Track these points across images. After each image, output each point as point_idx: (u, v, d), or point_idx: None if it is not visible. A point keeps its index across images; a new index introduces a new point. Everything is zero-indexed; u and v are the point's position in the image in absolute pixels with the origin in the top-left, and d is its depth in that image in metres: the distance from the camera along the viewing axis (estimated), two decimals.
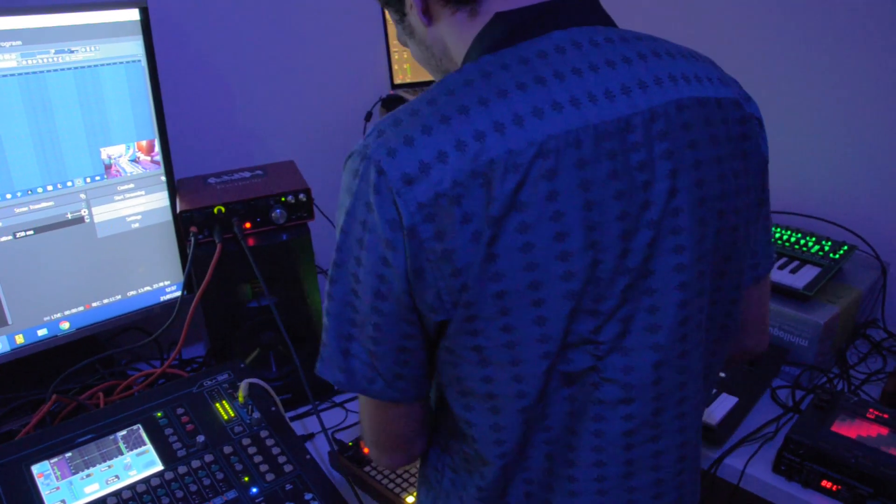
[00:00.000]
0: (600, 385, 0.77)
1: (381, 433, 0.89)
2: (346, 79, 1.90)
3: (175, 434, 1.18)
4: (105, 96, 1.33)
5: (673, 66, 0.77)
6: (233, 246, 1.36)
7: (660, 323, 0.76)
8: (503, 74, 0.71)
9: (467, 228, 0.68)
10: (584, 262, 0.72)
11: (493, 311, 0.72)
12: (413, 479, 1.25)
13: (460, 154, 0.68)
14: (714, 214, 0.78)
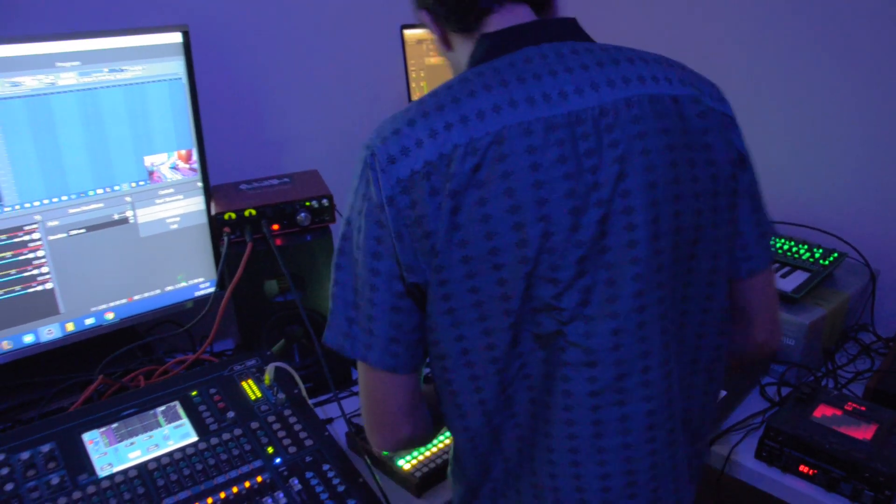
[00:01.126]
0: (566, 349, 0.90)
1: (374, 408, 1.01)
2: (367, 95, 2.04)
3: (208, 410, 1.32)
4: (150, 110, 1.48)
5: (629, 70, 0.91)
6: (261, 245, 1.50)
7: (617, 294, 0.88)
8: (476, 79, 0.88)
9: (434, 199, 0.85)
10: (535, 233, 0.86)
11: (461, 273, 0.86)
12: (424, 458, 1.37)
13: (433, 141, 0.85)
14: (669, 197, 0.90)
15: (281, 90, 1.89)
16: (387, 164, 0.86)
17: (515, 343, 0.91)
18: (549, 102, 0.86)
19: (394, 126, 0.88)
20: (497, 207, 0.85)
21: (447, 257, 0.87)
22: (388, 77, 2.04)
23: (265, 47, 1.83)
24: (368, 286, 0.91)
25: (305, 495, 1.19)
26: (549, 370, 0.92)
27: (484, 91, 0.87)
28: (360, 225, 0.90)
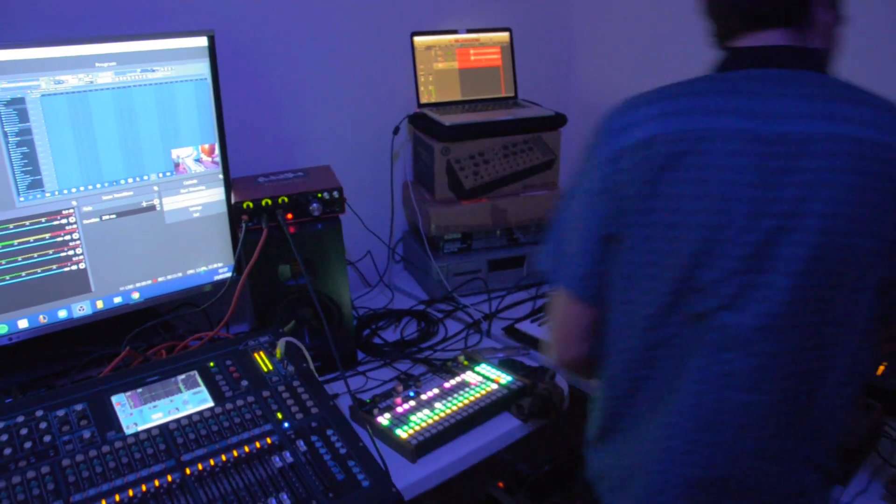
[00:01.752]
0: (711, 331, 1.05)
1: (559, 328, 1.21)
2: (379, 98, 2.17)
3: (224, 379, 1.45)
4: (177, 107, 1.62)
5: (844, 109, 0.99)
6: (276, 233, 1.63)
7: (769, 297, 1.01)
8: (699, 84, 1.06)
9: (642, 169, 1.03)
10: (713, 222, 1.01)
11: (644, 235, 1.06)
12: (420, 427, 1.49)
13: (650, 124, 1.04)
14: (845, 233, 0.98)
15: (298, 91, 2.03)
16: (616, 132, 1.06)
17: (669, 311, 1.07)
18: (757, 118, 1.00)
19: (632, 103, 1.08)
20: (688, 191, 1.02)
21: (640, 219, 1.05)
22: (398, 80, 2.17)
23: (284, 52, 1.97)
24: (581, 228, 1.11)
25: (310, 455, 1.32)
26: (692, 346, 1.07)
27: (701, 95, 1.03)
28: (588, 173, 1.11)
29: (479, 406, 1.54)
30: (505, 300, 2.07)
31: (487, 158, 2.07)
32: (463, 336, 1.91)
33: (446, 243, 2.11)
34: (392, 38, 2.14)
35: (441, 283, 2.07)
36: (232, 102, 1.77)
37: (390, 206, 2.23)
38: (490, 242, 2.16)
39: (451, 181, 2.05)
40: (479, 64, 2.23)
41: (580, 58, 2.65)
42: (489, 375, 1.65)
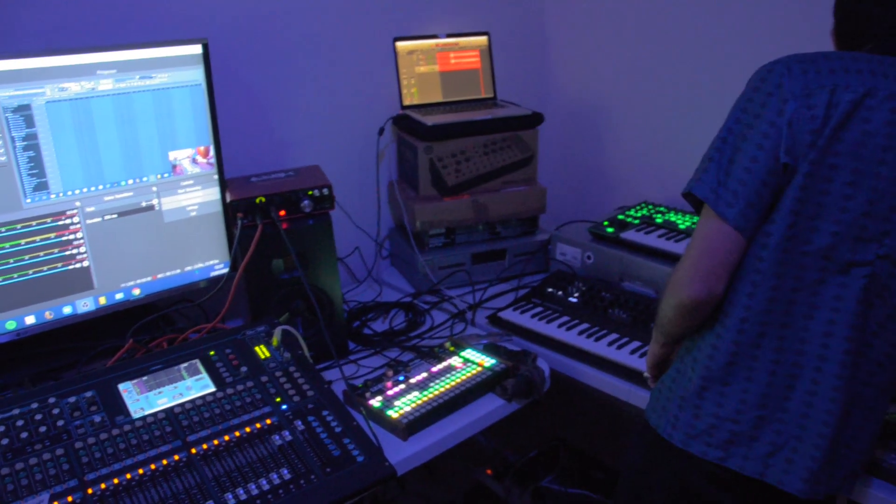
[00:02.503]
0: (860, 278, 1.16)
1: (706, 258, 1.21)
2: (364, 101, 2.26)
3: (224, 367, 1.54)
4: (174, 111, 1.70)
5: None
6: (270, 229, 1.72)
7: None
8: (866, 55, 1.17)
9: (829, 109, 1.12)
10: (893, 175, 1.13)
11: (822, 175, 1.14)
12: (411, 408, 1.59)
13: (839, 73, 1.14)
14: None
15: (287, 96, 2.11)
16: (805, 72, 1.14)
17: (828, 255, 1.16)
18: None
19: (808, 56, 1.17)
20: (872, 141, 1.12)
21: (820, 157, 1.13)
22: (382, 84, 2.27)
23: (274, 58, 2.06)
24: (750, 158, 1.16)
25: (307, 434, 1.41)
26: (839, 292, 1.18)
27: (884, 63, 1.15)
28: (764, 108, 1.16)
29: (465, 387, 1.64)
30: (488, 291, 2.18)
31: (469, 156, 2.17)
32: (449, 325, 2.01)
33: (431, 238, 2.21)
34: (375, 44, 2.24)
35: (427, 277, 2.17)
36: (225, 106, 1.86)
37: (377, 204, 2.33)
38: (473, 237, 2.26)
39: (434, 179, 2.15)
40: (459, 67, 2.33)
41: (555, 59, 2.76)
42: (474, 359, 1.75)
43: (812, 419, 1.20)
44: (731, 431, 1.23)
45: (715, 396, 1.25)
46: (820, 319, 1.19)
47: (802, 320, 1.19)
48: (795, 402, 1.21)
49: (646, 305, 1.95)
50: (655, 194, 2.43)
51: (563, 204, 2.68)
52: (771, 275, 1.19)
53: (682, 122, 2.38)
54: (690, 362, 1.30)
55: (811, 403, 1.20)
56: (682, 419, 1.29)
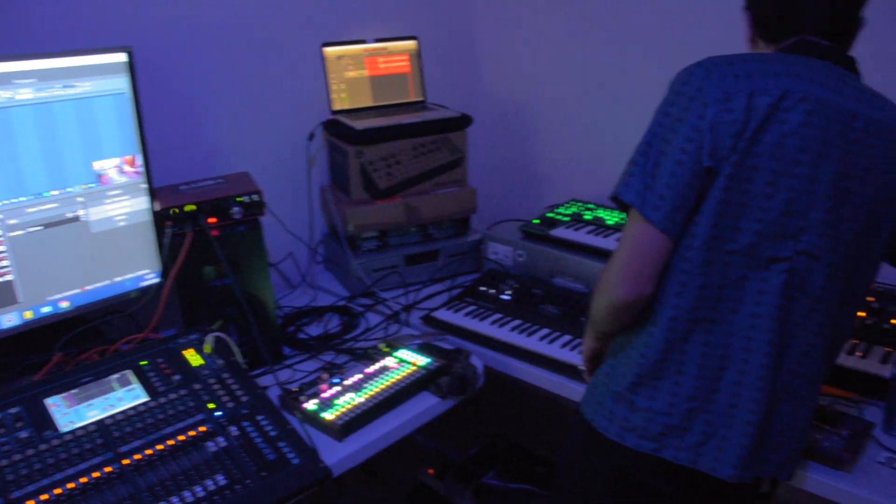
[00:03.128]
0: (781, 273, 1.22)
1: (634, 261, 1.25)
2: (293, 106, 2.26)
3: (157, 376, 1.53)
4: (98, 120, 1.68)
5: (878, 101, 1.23)
6: (199, 237, 1.71)
7: (838, 249, 1.22)
8: (783, 57, 1.24)
9: (748, 112, 1.17)
10: (808, 174, 1.19)
11: (743, 176, 1.19)
12: (345, 409, 1.60)
13: (757, 77, 1.19)
14: (884, 200, 1.24)
15: (216, 103, 2.10)
16: (725, 76, 1.19)
17: (751, 253, 1.21)
18: (838, 95, 1.19)
19: (730, 58, 1.22)
20: (790, 143, 1.18)
21: (741, 159, 1.18)
22: (311, 89, 2.27)
23: (202, 65, 2.05)
24: (675, 162, 1.20)
25: (242, 439, 1.42)
26: (751, 290, 1.23)
27: (797, 64, 1.21)
28: (686, 112, 1.20)
29: (400, 387, 1.66)
30: (422, 292, 2.21)
31: (399, 160, 2.20)
32: (383, 327, 2.03)
33: (364, 241, 2.23)
34: (304, 50, 2.24)
35: (361, 280, 2.18)
36: (153, 115, 1.84)
37: (309, 209, 2.34)
38: (405, 239, 2.29)
39: (365, 183, 2.17)
40: (388, 71, 2.35)
41: (484, 61, 2.81)
42: (408, 359, 1.77)
43: (739, 408, 1.25)
44: (664, 424, 1.28)
45: (648, 391, 1.30)
46: (744, 313, 1.24)
47: (728, 315, 1.25)
48: (723, 394, 1.26)
49: (576, 300, 2.01)
50: (584, 191, 2.49)
51: (494, 204, 2.72)
52: (697, 274, 1.24)
53: (608, 121, 2.45)
54: (624, 359, 1.34)
55: (738, 394, 1.25)
56: (617, 413, 1.33)
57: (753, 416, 1.24)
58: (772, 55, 1.25)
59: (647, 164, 1.24)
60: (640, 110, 1.29)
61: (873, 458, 1.48)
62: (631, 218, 1.26)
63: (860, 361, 1.71)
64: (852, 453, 1.45)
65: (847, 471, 1.43)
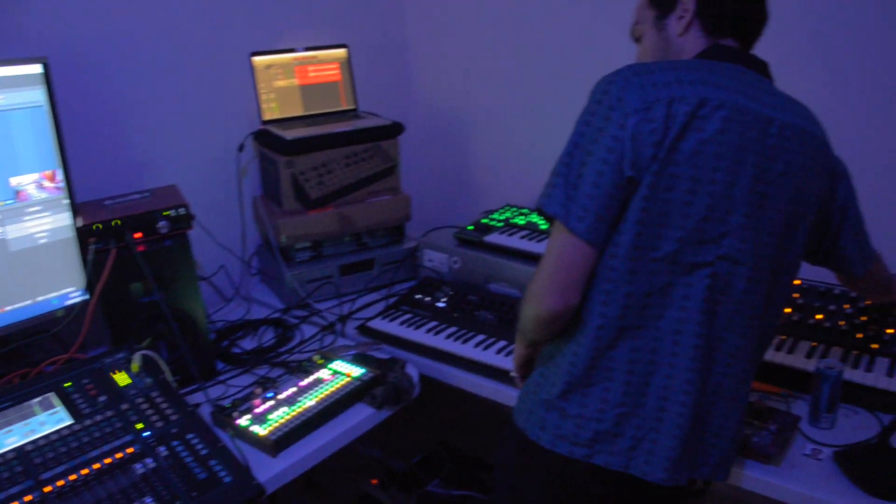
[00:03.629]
0: (704, 278, 1.24)
1: (559, 272, 1.25)
2: (222, 117, 2.23)
3: (81, 398, 1.49)
4: (14, 135, 1.62)
5: (791, 105, 1.27)
6: (125, 253, 1.67)
7: (759, 252, 1.25)
8: (699, 64, 1.26)
9: (667, 122, 1.18)
10: (728, 180, 1.21)
11: (664, 185, 1.20)
12: (279, 424, 1.58)
13: (674, 85, 1.20)
14: (802, 203, 1.28)
15: (141, 114, 2.06)
16: (643, 86, 1.20)
17: (675, 260, 1.23)
18: (754, 101, 1.22)
19: (647, 67, 1.23)
20: (708, 150, 1.19)
21: (661, 168, 1.19)
22: (241, 99, 2.25)
23: (127, 75, 2.00)
24: (596, 172, 1.20)
25: (171, 459, 1.39)
26: (677, 295, 1.25)
27: (713, 72, 1.23)
28: (607, 122, 1.20)
29: (334, 399, 1.65)
30: (358, 302, 2.19)
31: (331, 169, 2.18)
32: (318, 338, 2.01)
33: (297, 252, 2.21)
34: (232, 60, 2.21)
35: (295, 291, 2.16)
36: (73, 128, 1.79)
37: (241, 221, 2.30)
38: (339, 248, 2.28)
39: (297, 193, 2.15)
40: (318, 80, 2.33)
41: (416, 68, 2.81)
42: (342, 370, 1.76)
43: (668, 412, 1.27)
44: (595, 430, 1.29)
45: (578, 398, 1.30)
46: (670, 319, 1.26)
47: (654, 321, 1.26)
48: (652, 398, 1.28)
49: (511, 305, 2.02)
50: (519, 197, 2.51)
51: (429, 211, 2.72)
52: (623, 282, 1.25)
53: (540, 125, 2.48)
54: (553, 367, 1.35)
55: (666, 397, 1.27)
56: (549, 421, 1.33)
57: (682, 419, 1.26)
58: (688, 62, 1.27)
59: (570, 174, 1.24)
60: (572, 114, 1.30)
61: (800, 451, 1.52)
62: (555, 229, 1.27)
63: (787, 357, 1.76)
64: (780, 447, 1.49)
65: (775, 464, 1.47)
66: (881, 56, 1.89)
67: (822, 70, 1.97)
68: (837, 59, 1.96)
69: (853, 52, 1.93)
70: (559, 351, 1.34)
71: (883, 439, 1.50)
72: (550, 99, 2.44)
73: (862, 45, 1.91)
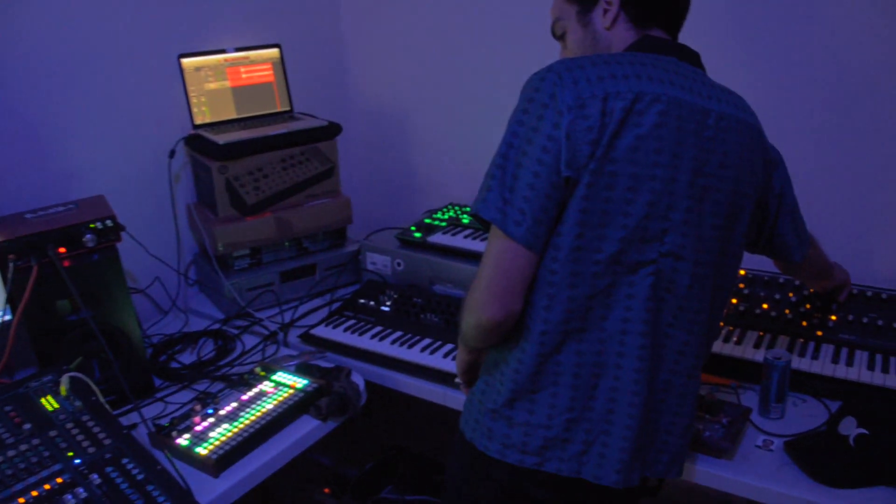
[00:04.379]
0: (647, 276, 1.21)
1: (499, 279, 1.20)
2: (151, 122, 2.13)
3: (3, 426, 1.40)
4: None
5: (725, 96, 1.26)
6: (49, 269, 1.58)
7: (702, 247, 1.23)
8: (631, 57, 1.22)
9: (603, 118, 1.14)
10: (667, 176, 1.18)
11: (603, 183, 1.16)
12: (220, 442, 1.52)
13: (608, 80, 1.16)
14: (741, 193, 1.27)
15: (64, 123, 1.96)
16: (577, 81, 1.15)
17: (618, 260, 1.19)
18: (690, 93, 1.20)
19: (579, 62, 1.18)
20: (645, 146, 1.16)
21: (598, 166, 1.15)
22: (170, 103, 2.16)
23: (48, 81, 1.90)
24: (532, 174, 1.16)
25: (106, 487, 1.31)
26: (630, 291, 1.21)
27: (645, 65, 1.19)
28: (541, 121, 1.16)
29: (278, 412, 1.59)
30: (300, 309, 2.13)
31: (267, 173, 2.12)
32: (260, 349, 1.94)
33: (236, 260, 2.13)
34: (160, 62, 2.12)
35: (235, 300, 2.09)
36: None
37: (175, 230, 2.22)
38: (279, 255, 2.21)
39: (232, 199, 2.08)
40: (251, 81, 2.26)
41: (353, 66, 2.75)
42: (285, 382, 1.70)
43: (617, 414, 1.25)
44: (544, 437, 1.26)
45: (525, 405, 1.27)
46: (614, 319, 1.23)
47: (599, 322, 1.23)
48: (600, 400, 1.25)
49: (457, 307, 1.99)
50: (461, 195, 2.48)
51: (371, 213, 2.67)
52: (565, 286, 1.21)
53: (481, 121, 2.43)
54: (498, 376, 1.31)
55: (615, 399, 1.25)
56: (496, 430, 1.30)
57: (632, 420, 1.24)
58: (620, 55, 1.23)
59: (505, 177, 1.19)
60: (511, 109, 1.26)
61: (752, 443, 1.52)
62: (492, 234, 1.22)
63: (736, 348, 1.76)
64: (732, 441, 1.48)
65: (728, 458, 1.46)
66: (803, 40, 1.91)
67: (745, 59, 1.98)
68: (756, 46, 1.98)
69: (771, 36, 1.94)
70: (503, 359, 1.31)
71: (831, 427, 1.51)
72: (491, 94, 2.40)
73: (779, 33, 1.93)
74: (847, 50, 1.88)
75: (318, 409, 1.63)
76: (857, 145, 1.93)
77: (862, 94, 1.89)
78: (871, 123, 1.90)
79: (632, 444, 1.24)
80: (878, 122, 1.89)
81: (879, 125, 1.89)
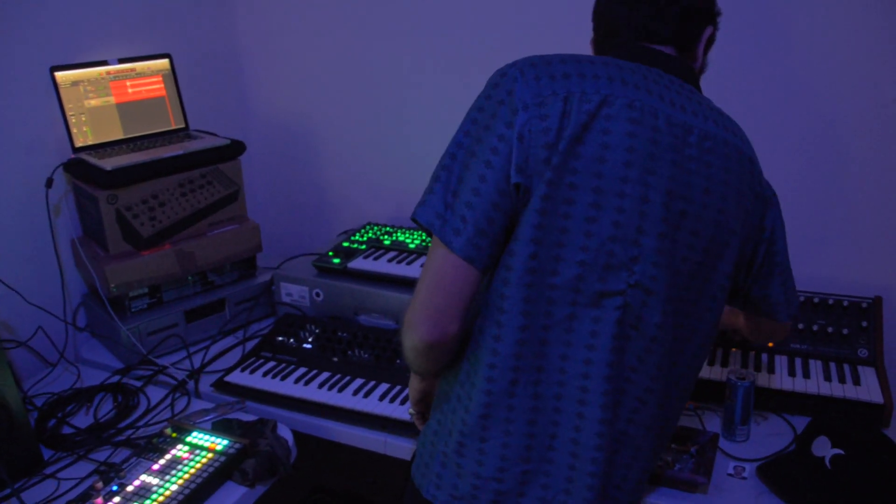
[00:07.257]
0: (615, 310, 1.06)
1: (436, 295, 1.05)
2: (22, 147, 1.85)
3: None
4: None
5: (713, 115, 1.10)
6: None
7: (675, 281, 1.08)
8: (609, 60, 1.07)
9: (562, 120, 1.01)
10: (637, 193, 1.03)
11: (560, 197, 1.02)
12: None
13: (574, 79, 1.03)
14: (724, 225, 1.11)
15: None
16: (538, 77, 1.02)
17: (577, 287, 1.05)
18: (669, 105, 1.05)
19: (545, 58, 1.05)
20: (612, 156, 1.01)
21: (556, 176, 1.00)
22: (44, 124, 1.89)
23: None
24: (478, 177, 1.01)
25: None
26: (594, 328, 1.06)
27: (624, 70, 1.05)
28: (493, 119, 1.02)
29: (197, 483, 1.38)
30: (211, 351, 1.91)
31: (163, 201, 1.88)
32: (168, 403, 1.71)
33: (133, 301, 1.88)
34: (30, 76, 1.85)
35: (134, 347, 1.84)
36: None
37: (58, 270, 1.94)
38: (183, 291, 1.97)
39: (124, 232, 1.83)
40: (139, 96, 2.01)
41: (253, 79, 2.53)
42: (203, 444, 1.48)
43: (578, 469, 1.11)
44: (495, 491, 1.11)
45: (474, 454, 1.12)
46: (576, 359, 1.08)
47: (558, 361, 1.08)
48: (560, 452, 1.11)
49: (387, 340, 1.82)
50: (380, 214, 2.31)
51: (282, 239, 2.47)
52: (517, 313, 1.06)
53: (398, 134, 2.28)
54: (449, 413, 1.16)
55: (576, 453, 1.11)
56: (445, 478, 1.15)
57: (594, 479, 1.11)
58: (596, 57, 1.08)
59: (450, 179, 1.05)
60: (429, 121, 1.10)
61: (724, 471, 1.43)
62: (433, 244, 1.07)
63: None
64: (705, 474, 1.39)
65: (703, 492, 1.37)
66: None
67: None
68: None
69: None
70: (453, 393, 1.15)
71: (802, 447, 1.43)
72: (402, 105, 2.24)
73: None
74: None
75: (243, 473, 1.42)
76: (800, 148, 1.88)
77: (810, 95, 1.84)
78: (820, 128, 1.85)
79: (594, 503, 1.12)
80: (826, 126, 1.84)
81: (828, 130, 1.84)
